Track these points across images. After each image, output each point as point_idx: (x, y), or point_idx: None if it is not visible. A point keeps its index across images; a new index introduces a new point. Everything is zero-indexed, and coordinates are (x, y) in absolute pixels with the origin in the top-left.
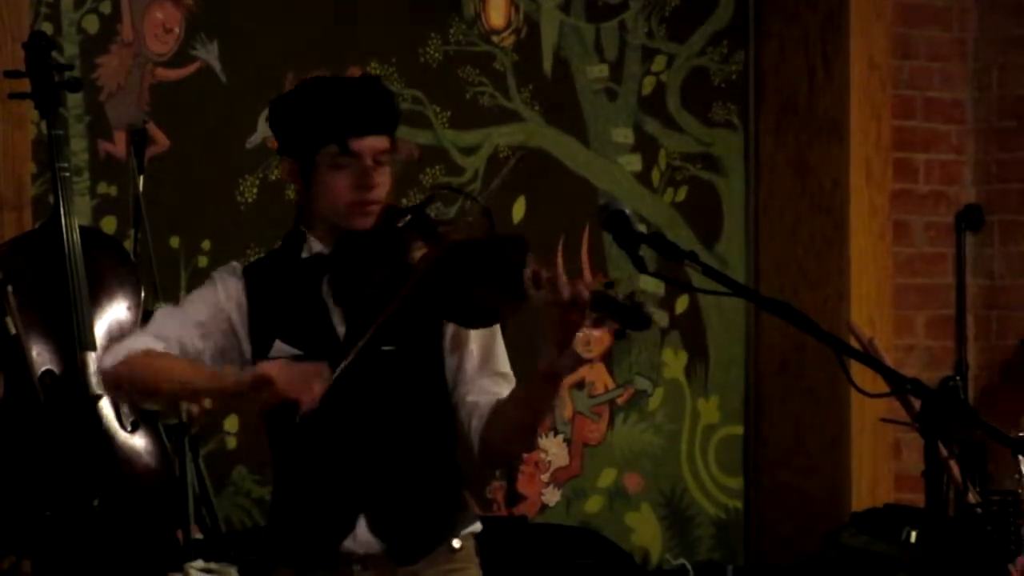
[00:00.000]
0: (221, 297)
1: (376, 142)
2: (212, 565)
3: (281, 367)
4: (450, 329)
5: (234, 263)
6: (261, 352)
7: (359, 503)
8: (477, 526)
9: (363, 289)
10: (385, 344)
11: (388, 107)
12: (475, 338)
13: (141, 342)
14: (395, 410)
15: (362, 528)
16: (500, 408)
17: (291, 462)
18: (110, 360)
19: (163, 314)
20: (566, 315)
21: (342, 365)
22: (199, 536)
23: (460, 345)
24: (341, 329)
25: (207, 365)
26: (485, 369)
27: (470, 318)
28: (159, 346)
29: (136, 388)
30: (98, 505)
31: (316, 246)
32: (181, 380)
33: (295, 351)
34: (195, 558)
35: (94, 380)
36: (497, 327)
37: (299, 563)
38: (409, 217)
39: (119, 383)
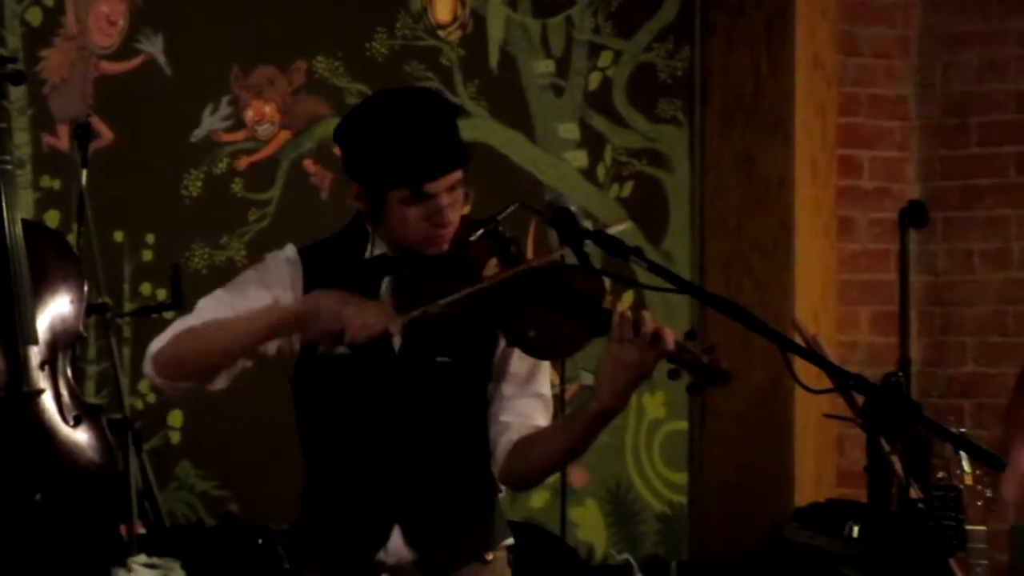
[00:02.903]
0: (274, 287)
1: (451, 178)
2: (155, 560)
3: (333, 298)
4: (502, 345)
5: (289, 246)
6: (310, 346)
7: (395, 513)
8: (510, 539)
9: (427, 301)
10: (440, 355)
11: (458, 136)
12: (521, 357)
13: (184, 323)
14: (441, 421)
15: (396, 538)
16: (535, 438)
17: (326, 467)
18: (155, 346)
19: (209, 302)
20: (641, 361)
21: (412, 314)
22: (142, 531)
23: (505, 361)
24: (397, 340)
25: (247, 315)
26: (525, 390)
27: (539, 348)
28: (200, 324)
29: (187, 365)
30: (40, 500)
31: (380, 248)
32: (232, 336)
33: (345, 350)
34: (138, 553)
35: (36, 374)
36: None
37: (327, 569)
38: (482, 232)
39: (169, 364)
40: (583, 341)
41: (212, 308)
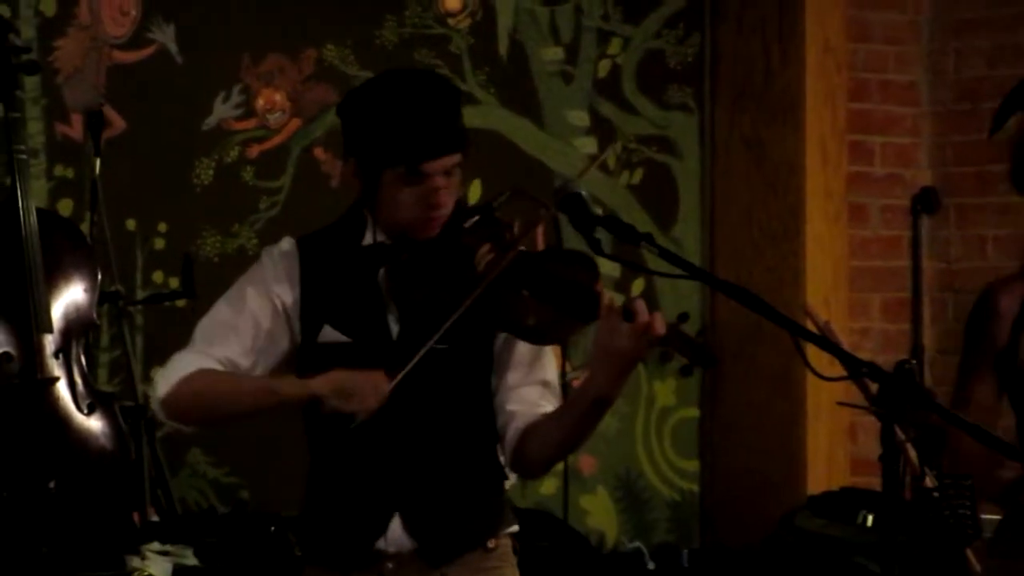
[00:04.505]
0: (273, 284)
1: (448, 160)
2: (168, 547)
3: (334, 381)
4: (503, 333)
5: (286, 238)
6: (310, 335)
7: (395, 503)
8: (515, 526)
9: (422, 289)
10: (438, 343)
11: (460, 121)
12: (524, 344)
13: (191, 363)
14: (440, 409)
15: (395, 527)
16: (541, 424)
17: (329, 458)
18: (163, 388)
19: (210, 323)
20: (633, 346)
21: (398, 377)
22: (155, 518)
23: (508, 349)
24: (395, 328)
25: (257, 379)
26: (529, 377)
27: (534, 335)
28: (208, 364)
29: (195, 416)
30: (54, 487)
31: (378, 235)
32: (233, 403)
33: (344, 338)
34: (151, 540)
35: (50, 362)
36: None
37: (330, 562)
38: (477, 218)
39: (176, 413)
40: (576, 327)
41: (216, 333)
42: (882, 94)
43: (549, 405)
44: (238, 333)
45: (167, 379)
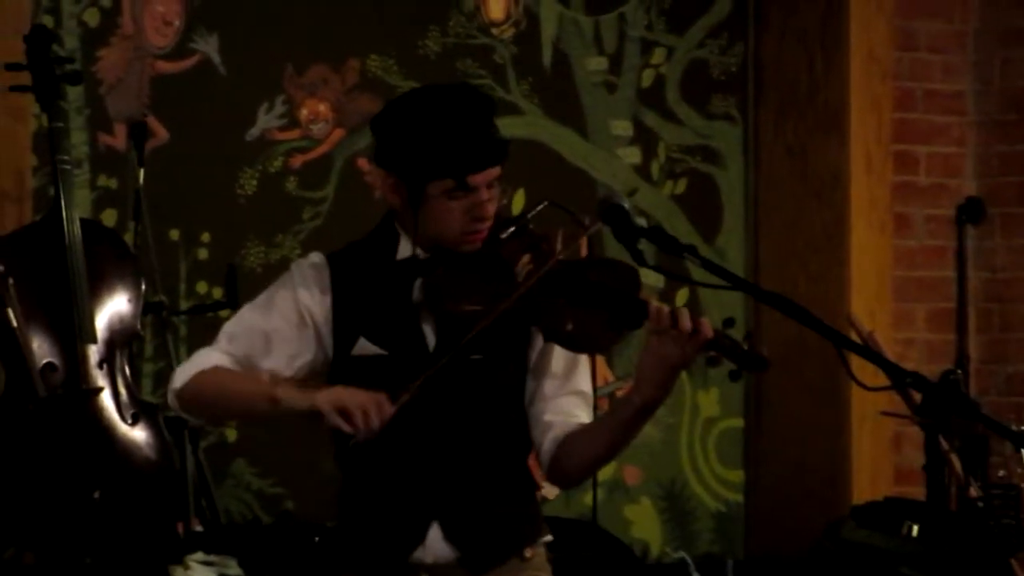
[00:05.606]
0: (301, 294)
1: (492, 172)
2: (212, 557)
3: (337, 396)
4: (538, 342)
5: (315, 253)
6: (343, 348)
7: (433, 511)
8: (548, 536)
9: (461, 300)
10: (474, 353)
11: (499, 132)
12: (560, 355)
13: (210, 359)
14: (475, 418)
15: (435, 536)
16: (580, 433)
17: (361, 468)
18: (179, 380)
19: (236, 325)
20: (681, 352)
21: (403, 398)
22: (199, 528)
23: (544, 359)
24: (431, 339)
25: (264, 384)
26: (565, 387)
27: (577, 343)
28: (227, 362)
29: (204, 412)
30: (99, 497)
31: (411, 249)
32: (236, 403)
33: (380, 351)
34: (195, 550)
35: (94, 373)
36: None
37: (364, 571)
38: (513, 229)
39: (188, 406)
40: (620, 334)
41: (239, 334)
42: (927, 103)
43: (584, 415)
44: (261, 336)
45: (184, 372)
